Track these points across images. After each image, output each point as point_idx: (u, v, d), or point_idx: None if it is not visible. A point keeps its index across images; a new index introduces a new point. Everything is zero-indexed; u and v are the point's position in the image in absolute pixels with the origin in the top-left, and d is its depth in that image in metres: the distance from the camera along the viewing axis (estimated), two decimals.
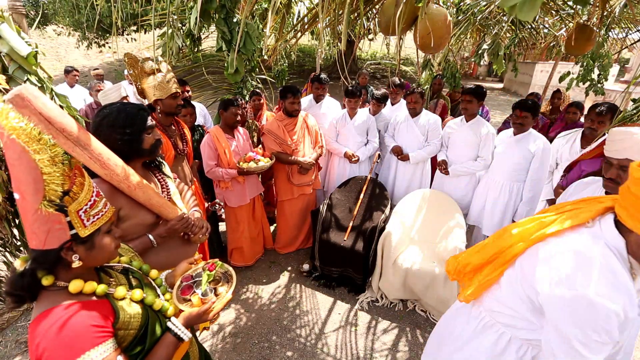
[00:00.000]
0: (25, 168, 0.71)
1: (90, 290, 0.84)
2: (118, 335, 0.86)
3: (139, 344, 0.91)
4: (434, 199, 3.04)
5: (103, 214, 0.85)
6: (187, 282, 1.15)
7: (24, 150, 0.70)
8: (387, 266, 2.64)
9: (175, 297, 1.09)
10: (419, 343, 2.40)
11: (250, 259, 3.17)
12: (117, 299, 0.89)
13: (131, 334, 0.89)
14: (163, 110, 2.09)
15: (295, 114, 3.00)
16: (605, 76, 5.07)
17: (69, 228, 0.78)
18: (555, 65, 6.56)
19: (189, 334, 1.01)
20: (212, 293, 1.12)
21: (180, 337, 0.99)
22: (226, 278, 1.19)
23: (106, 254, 0.88)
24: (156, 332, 0.96)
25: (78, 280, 0.83)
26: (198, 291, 1.11)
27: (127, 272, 1.04)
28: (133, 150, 1.31)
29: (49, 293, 0.81)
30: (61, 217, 0.76)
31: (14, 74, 1.71)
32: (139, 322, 0.91)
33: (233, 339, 2.41)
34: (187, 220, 1.41)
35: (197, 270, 1.19)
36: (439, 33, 1.58)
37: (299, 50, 13.04)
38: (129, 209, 1.27)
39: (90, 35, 10.37)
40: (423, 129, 3.21)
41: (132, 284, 1.00)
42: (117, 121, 1.26)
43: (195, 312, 1.03)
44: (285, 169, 3.12)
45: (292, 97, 2.90)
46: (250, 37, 2.48)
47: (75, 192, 0.78)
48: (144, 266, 1.10)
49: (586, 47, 2.68)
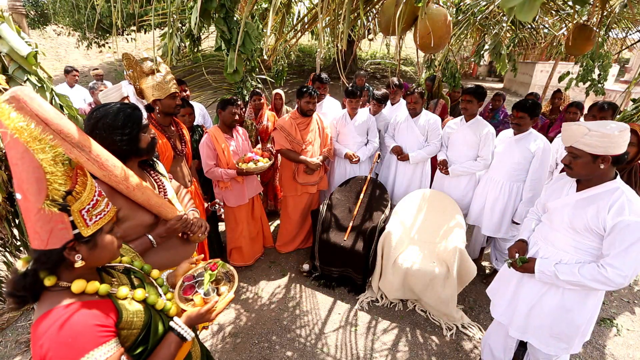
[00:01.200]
0: (28, 167, 0.71)
1: (92, 290, 0.84)
2: (121, 335, 0.85)
3: (141, 343, 0.91)
4: (434, 199, 3.04)
5: (105, 214, 0.85)
6: (188, 282, 1.15)
7: (26, 150, 0.70)
8: (387, 266, 2.64)
9: (177, 296, 1.09)
10: (419, 343, 2.40)
11: (250, 258, 3.17)
12: (119, 298, 0.89)
13: (134, 334, 0.89)
14: (162, 111, 2.09)
15: (310, 113, 3.01)
16: (605, 76, 5.07)
17: (71, 227, 0.78)
18: (555, 65, 6.56)
19: (192, 333, 1.01)
20: (214, 293, 1.12)
21: (183, 337, 0.99)
22: (228, 278, 1.20)
23: (109, 253, 0.88)
24: (159, 332, 0.96)
25: (80, 280, 0.83)
26: (200, 291, 1.11)
27: (129, 272, 1.04)
28: (131, 150, 1.31)
29: (51, 293, 0.81)
30: (64, 217, 0.76)
31: (14, 74, 1.71)
32: (141, 322, 0.91)
33: (233, 339, 2.41)
34: (186, 220, 1.42)
35: (199, 270, 1.20)
36: (439, 33, 1.58)
37: (299, 50, 13.04)
38: (127, 210, 1.27)
39: (90, 35, 10.36)
40: (423, 129, 3.21)
41: (134, 283, 1.00)
42: (115, 122, 1.25)
43: (198, 312, 1.03)
44: (291, 167, 3.13)
45: (308, 97, 2.92)
46: (249, 36, 2.48)
47: (78, 191, 0.78)
48: (145, 266, 1.10)
49: (586, 47, 2.68)
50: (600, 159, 1.45)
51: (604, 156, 1.44)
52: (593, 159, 1.46)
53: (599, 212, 1.47)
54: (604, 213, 1.45)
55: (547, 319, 1.70)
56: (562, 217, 1.61)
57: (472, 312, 2.71)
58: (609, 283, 1.45)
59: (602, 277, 1.46)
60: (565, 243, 1.62)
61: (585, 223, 1.51)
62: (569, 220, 1.57)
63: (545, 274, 1.62)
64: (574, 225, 1.56)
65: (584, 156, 1.48)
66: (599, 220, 1.47)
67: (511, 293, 1.84)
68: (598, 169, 1.47)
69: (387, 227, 2.74)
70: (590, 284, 1.50)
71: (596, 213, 1.48)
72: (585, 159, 1.48)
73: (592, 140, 1.43)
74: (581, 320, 1.66)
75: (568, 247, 1.61)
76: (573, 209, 1.57)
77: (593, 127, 1.44)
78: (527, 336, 1.80)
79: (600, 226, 1.47)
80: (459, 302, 2.69)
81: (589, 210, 1.50)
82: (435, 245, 2.78)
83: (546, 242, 1.71)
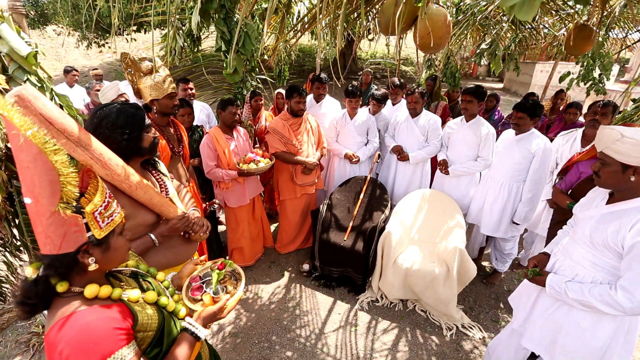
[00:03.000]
0: (42, 170, 0.70)
1: (106, 294, 0.83)
2: (137, 337, 0.85)
3: (156, 345, 0.91)
4: (434, 199, 3.04)
5: (117, 215, 0.85)
6: (196, 283, 1.15)
7: (40, 152, 0.69)
8: (387, 266, 2.64)
9: (185, 297, 1.09)
10: (419, 343, 2.40)
11: (250, 259, 3.17)
12: (132, 301, 0.89)
13: (149, 336, 0.89)
14: (159, 111, 2.09)
15: (300, 113, 3.01)
16: (607, 76, 5.06)
17: (85, 230, 0.77)
18: (555, 65, 6.56)
19: (206, 331, 1.02)
20: (223, 292, 1.13)
21: (197, 336, 0.99)
22: (234, 276, 1.21)
23: (120, 255, 0.88)
24: (172, 333, 0.96)
25: (93, 285, 0.82)
26: (209, 290, 1.11)
27: (137, 275, 1.03)
28: (134, 150, 1.31)
29: (64, 300, 0.79)
30: (78, 219, 0.75)
31: (13, 74, 1.71)
32: (156, 324, 0.91)
33: (233, 339, 2.41)
34: (188, 219, 1.42)
35: (205, 270, 1.20)
36: (439, 33, 1.57)
37: (299, 50, 13.04)
38: (130, 209, 1.27)
39: (90, 35, 10.36)
40: (423, 129, 3.21)
41: (143, 287, 1.00)
42: (118, 121, 1.25)
43: (211, 311, 1.04)
44: (288, 169, 3.12)
45: (298, 97, 2.91)
46: (249, 37, 2.48)
47: (90, 193, 0.78)
48: (150, 269, 1.10)
49: (586, 47, 2.68)
50: (631, 170, 1.30)
51: (637, 167, 1.28)
52: (623, 169, 1.32)
53: (621, 229, 1.33)
54: (624, 230, 1.31)
55: (560, 335, 1.58)
56: (584, 230, 1.48)
57: (472, 312, 2.71)
58: (616, 307, 1.32)
59: (610, 300, 1.33)
60: (583, 257, 1.49)
61: (604, 238, 1.38)
62: (590, 234, 1.44)
63: (555, 290, 1.52)
64: (593, 240, 1.43)
65: (614, 164, 1.33)
66: (619, 237, 1.33)
67: (531, 303, 1.74)
68: (628, 181, 1.32)
69: (387, 227, 2.74)
70: (598, 306, 1.37)
71: (618, 229, 1.34)
72: (614, 168, 1.34)
73: (623, 148, 1.28)
74: (598, 344, 1.49)
75: (585, 261, 1.48)
76: (597, 222, 1.44)
77: (627, 133, 1.29)
78: (539, 349, 1.68)
79: (619, 244, 1.33)
80: (459, 302, 2.69)
81: (611, 226, 1.36)
82: (435, 245, 2.78)
83: (565, 254, 1.59)
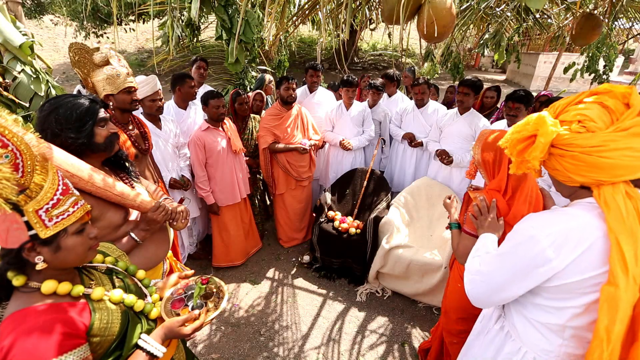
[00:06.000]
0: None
1: (64, 291, 0.80)
2: (93, 342, 0.82)
3: (117, 349, 0.88)
4: (435, 188, 3.03)
5: (70, 214, 0.79)
6: (178, 296, 1.11)
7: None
8: (387, 257, 2.64)
9: (163, 309, 1.05)
10: (418, 340, 2.41)
11: (238, 258, 3.10)
12: (94, 300, 0.86)
13: (108, 340, 0.85)
14: (116, 107, 1.88)
15: (291, 100, 2.96)
16: (611, 67, 5.00)
17: (27, 228, 0.73)
18: (559, 56, 6.48)
19: (163, 348, 0.94)
20: (203, 307, 1.08)
21: (152, 354, 0.91)
22: (218, 294, 1.15)
23: (75, 256, 0.82)
24: (134, 338, 0.92)
25: (51, 281, 0.79)
26: (189, 304, 1.08)
27: (112, 272, 1.00)
28: (85, 146, 1.22)
29: (21, 294, 0.78)
30: (16, 217, 0.71)
31: (8, 64, 1.69)
32: (117, 327, 0.88)
33: (231, 328, 2.42)
34: (164, 208, 1.34)
35: (190, 283, 1.16)
36: (443, 22, 1.54)
37: (300, 40, 12.88)
38: (97, 211, 1.20)
39: (87, 25, 10.22)
40: (429, 119, 3.20)
41: (115, 284, 0.97)
42: (65, 115, 1.17)
43: (172, 324, 0.97)
44: (283, 161, 3.10)
45: (286, 83, 2.89)
46: (250, 25, 2.44)
47: (33, 189, 0.73)
48: (130, 267, 1.06)
49: (592, 37, 2.63)
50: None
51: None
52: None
53: None
54: None
55: None
56: None
57: None
58: None
59: None
60: None
61: None
62: None
63: None
64: None
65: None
66: None
67: None
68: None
69: (388, 217, 2.73)
70: None
71: None
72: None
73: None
74: None
75: None
76: None
77: None
78: None
79: None
80: None
81: None
82: (436, 235, 2.78)
83: None
